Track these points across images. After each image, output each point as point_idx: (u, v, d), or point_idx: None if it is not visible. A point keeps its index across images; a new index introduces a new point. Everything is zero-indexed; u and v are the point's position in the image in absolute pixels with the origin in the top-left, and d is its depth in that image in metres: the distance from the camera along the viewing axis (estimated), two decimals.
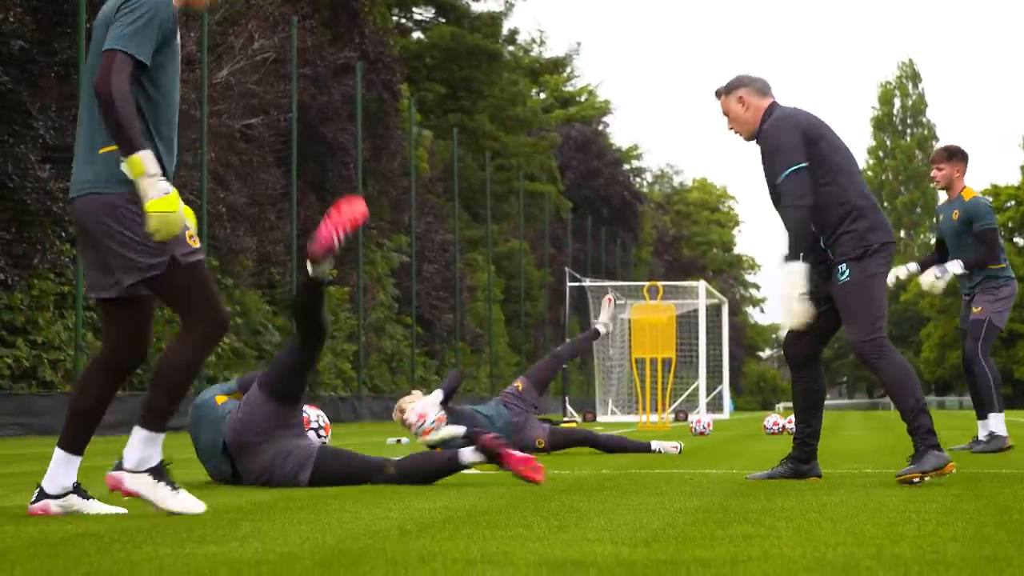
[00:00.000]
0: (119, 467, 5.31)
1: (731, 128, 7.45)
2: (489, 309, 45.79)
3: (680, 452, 11.14)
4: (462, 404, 12.19)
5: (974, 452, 10.99)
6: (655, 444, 11.25)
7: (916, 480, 6.78)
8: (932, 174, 11.14)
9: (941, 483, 6.87)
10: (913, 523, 4.71)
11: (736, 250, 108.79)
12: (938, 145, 20.65)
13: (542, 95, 70.25)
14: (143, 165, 5.08)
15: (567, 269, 40.01)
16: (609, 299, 12.89)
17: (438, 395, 9.87)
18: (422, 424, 9.69)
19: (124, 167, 5.14)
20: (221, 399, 7.31)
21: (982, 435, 11.53)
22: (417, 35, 51.75)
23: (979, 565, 3.60)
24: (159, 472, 5.29)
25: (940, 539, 4.22)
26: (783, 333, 7.49)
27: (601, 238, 59.51)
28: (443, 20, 51.89)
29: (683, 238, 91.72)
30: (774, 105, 7.36)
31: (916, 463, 6.82)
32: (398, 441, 14.36)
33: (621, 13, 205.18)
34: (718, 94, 7.52)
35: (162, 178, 5.13)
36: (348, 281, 32.31)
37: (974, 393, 11.46)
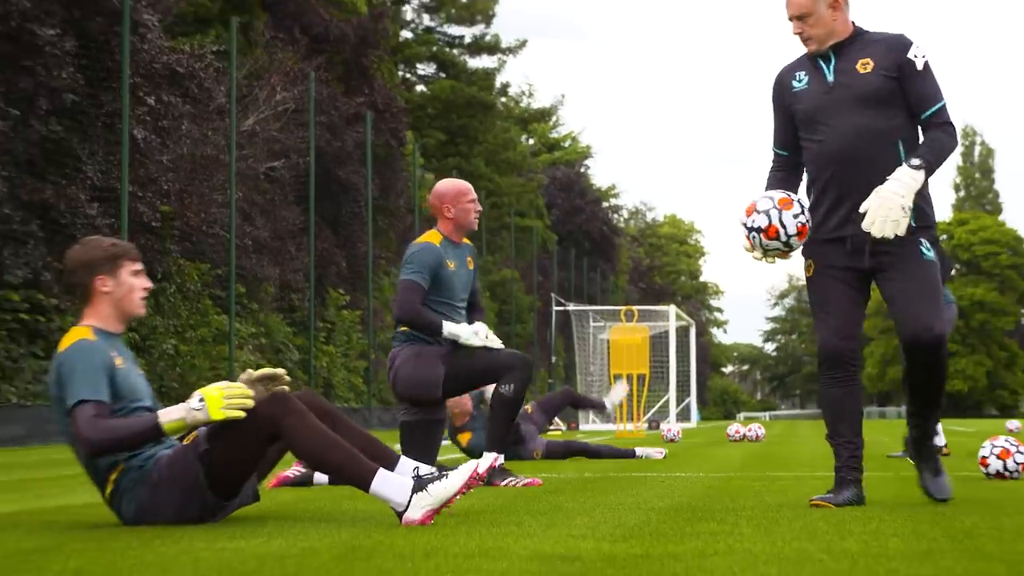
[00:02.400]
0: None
1: (800, 32, 5.50)
2: None
3: (664, 457, 11.06)
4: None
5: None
6: (639, 451, 11.19)
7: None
8: None
9: (883, 485, 6.86)
10: (859, 521, 4.71)
11: (702, 278, 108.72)
12: None
13: (531, 141, 70.28)
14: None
15: (553, 295, 40.10)
16: (624, 388, 12.89)
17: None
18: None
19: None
20: None
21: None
22: (420, 88, 51.83)
23: (917, 557, 3.61)
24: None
25: (883, 535, 4.22)
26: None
27: (583, 267, 59.49)
28: (443, 75, 51.99)
29: (655, 267, 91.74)
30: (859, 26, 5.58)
31: (937, 477, 5.61)
32: None
33: (601, 69, 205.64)
34: None
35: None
36: (360, 305, 32.29)
37: None
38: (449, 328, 6.92)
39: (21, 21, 18.71)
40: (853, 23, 5.52)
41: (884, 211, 5.19)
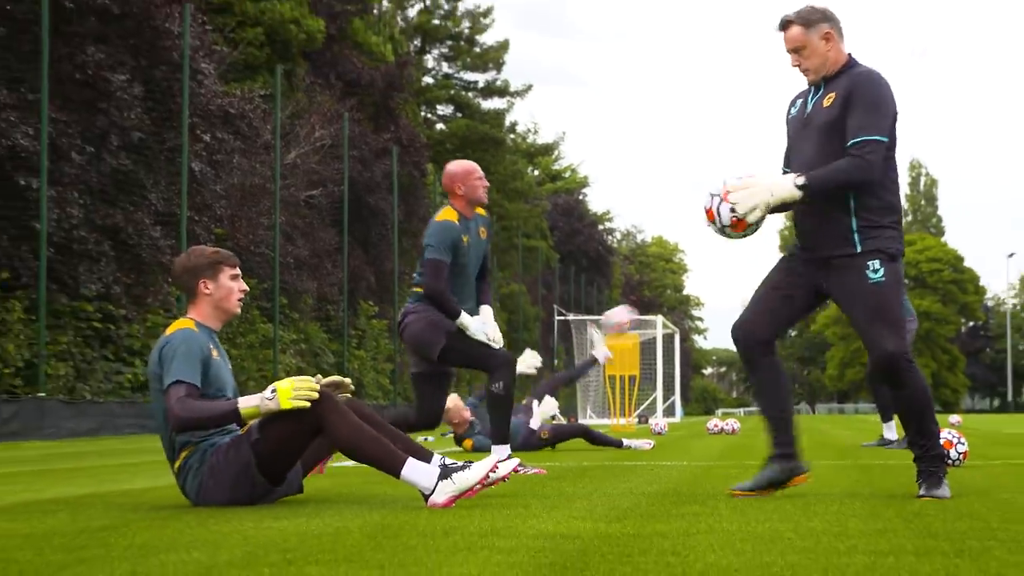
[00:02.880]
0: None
1: (798, 64, 5.06)
2: None
3: (652, 448, 10.99)
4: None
5: (887, 449, 10.88)
6: (626, 442, 11.14)
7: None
8: None
9: (844, 472, 6.83)
10: (822, 503, 4.70)
11: (685, 291, 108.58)
12: None
13: (536, 172, 70.20)
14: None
15: (555, 306, 40.06)
16: (601, 340, 12.65)
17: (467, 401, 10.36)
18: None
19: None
20: None
21: (887, 435, 11.42)
22: (440, 126, 51.89)
23: (874, 536, 3.60)
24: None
25: (843, 516, 4.21)
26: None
27: (581, 282, 59.46)
28: (460, 115, 52.07)
29: (644, 282, 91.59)
30: (853, 58, 5.10)
31: (930, 490, 4.95)
32: (425, 439, 14.22)
33: (597, 110, 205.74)
34: (785, 25, 5.08)
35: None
36: (387, 315, 32.29)
37: (880, 402, 11.37)
38: (463, 319, 6.93)
39: (96, 70, 18.83)
40: (849, 55, 5.05)
41: (751, 198, 4.86)
